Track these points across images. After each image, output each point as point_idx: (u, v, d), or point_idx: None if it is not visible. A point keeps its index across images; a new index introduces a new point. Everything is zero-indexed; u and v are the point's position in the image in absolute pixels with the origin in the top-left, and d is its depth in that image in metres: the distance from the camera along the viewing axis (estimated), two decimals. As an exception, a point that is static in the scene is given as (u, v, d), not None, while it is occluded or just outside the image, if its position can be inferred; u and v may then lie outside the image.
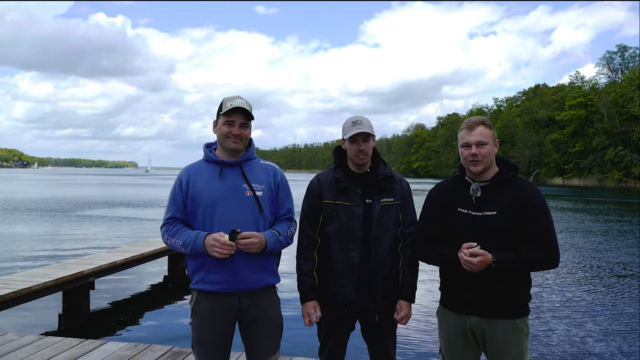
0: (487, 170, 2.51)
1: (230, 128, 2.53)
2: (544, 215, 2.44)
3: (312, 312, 2.76)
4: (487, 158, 2.46)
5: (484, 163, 2.46)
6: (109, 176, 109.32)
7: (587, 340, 6.27)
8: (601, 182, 66.22)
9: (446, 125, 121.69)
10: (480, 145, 2.46)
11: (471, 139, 2.47)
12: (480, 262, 2.32)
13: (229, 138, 2.54)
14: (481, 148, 2.45)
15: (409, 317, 2.79)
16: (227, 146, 2.55)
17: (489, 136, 2.48)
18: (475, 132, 2.47)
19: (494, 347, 2.48)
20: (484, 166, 2.47)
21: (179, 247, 2.50)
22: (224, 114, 2.53)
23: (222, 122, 2.55)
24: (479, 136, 2.46)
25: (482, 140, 2.46)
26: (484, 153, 2.45)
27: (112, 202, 30.01)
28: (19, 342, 4.58)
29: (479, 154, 2.45)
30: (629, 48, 77.42)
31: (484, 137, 2.46)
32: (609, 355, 5.75)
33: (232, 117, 2.53)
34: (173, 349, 4.46)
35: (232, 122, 2.53)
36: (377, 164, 2.85)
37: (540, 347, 5.96)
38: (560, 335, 6.45)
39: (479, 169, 2.47)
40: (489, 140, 2.47)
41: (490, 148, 2.47)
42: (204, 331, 2.54)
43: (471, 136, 2.47)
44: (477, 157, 2.45)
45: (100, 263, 7.45)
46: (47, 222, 19.47)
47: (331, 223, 2.75)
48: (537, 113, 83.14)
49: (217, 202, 2.50)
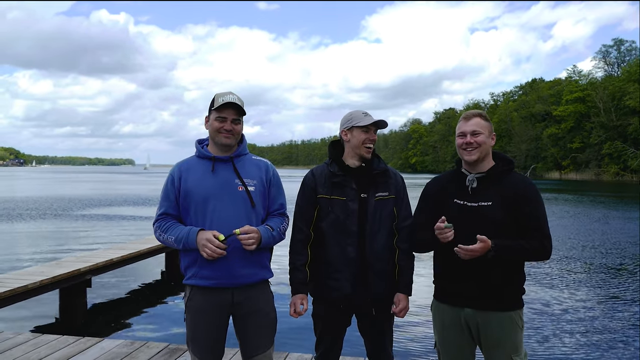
0: (483, 161, 2.53)
1: (222, 124, 2.53)
2: (537, 207, 2.47)
3: (299, 303, 2.77)
4: (482, 147, 2.49)
5: (478, 151, 2.49)
6: (107, 174, 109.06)
7: (583, 333, 6.31)
8: (598, 176, 66.47)
9: (443, 120, 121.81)
10: (474, 134, 2.50)
11: (467, 128, 2.52)
12: (482, 248, 2.33)
13: (220, 133, 2.54)
14: (475, 137, 2.49)
15: (407, 309, 2.80)
16: (219, 141, 2.55)
17: (484, 127, 2.52)
18: (471, 123, 2.52)
19: (488, 340, 2.49)
20: (479, 155, 2.50)
21: (172, 242, 2.49)
22: (216, 110, 2.52)
23: (213, 117, 2.54)
24: (474, 126, 2.51)
25: (476, 130, 2.50)
26: (479, 141, 2.49)
27: (109, 200, 29.95)
28: (15, 340, 4.57)
29: (473, 142, 2.49)
30: (625, 42, 77.80)
31: (479, 127, 2.51)
32: (605, 348, 5.78)
33: (224, 113, 2.53)
34: (170, 346, 4.46)
35: (224, 117, 2.53)
36: (372, 158, 2.85)
37: (535, 341, 5.98)
38: (555, 329, 6.48)
39: (473, 157, 2.50)
40: (484, 131, 2.51)
41: (485, 138, 2.50)
42: (198, 327, 2.54)
43: (467, 126, 2.53)
44: (472, 145, 2.49)
45: (97, 261, 7.43)
46: (42, 220, 19.42)
47: (326, 218, 2.75)
48: (534, 107, 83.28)
49: (209, 197, 2.49)
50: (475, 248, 2.33)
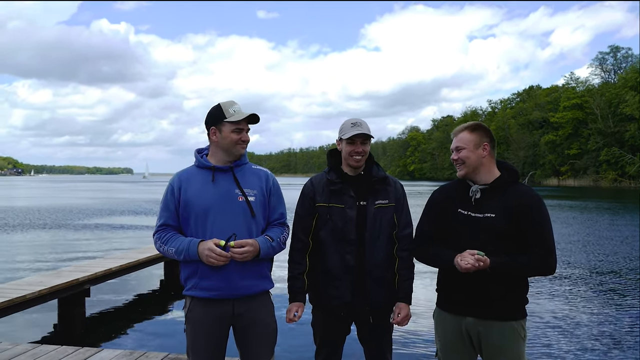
0: (481, 173, 2.54)
1: (240, 135, 2.56)
2: (542, 220, 2.45)
3: (293, 310, 2.78)
4: (467, 162, 2.53)
5: (465, 167, 2.54)
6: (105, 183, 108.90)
7: (588, 346, 6.20)
8: (596, 182, 66.59)
9: (441, 128, 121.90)
10: (457, 149, 2.56)
11: (452, 145, 2.60)
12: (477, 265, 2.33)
13: (238, 144, 2.57)
14: (459, 152, 2.55)
15: (408, 318, 2.79)
16: (237, 152, 2.58)
17: (468, 141, 2.54)
18: (456, 138, 2.60)
19: (490, 350, 2.48)
20: (466, 170, 2.54)
21: (172, 254, 2.49)
22: (234, 122, 2.53)
23: (230, 129, 2.54)
24: (457, 142, 2.58)
25: (459, 146, 2.56)
26: (462, 157, 2.53)
27: (107, 210, 29.89)
28: (13, 351, 4.55)
29: (458, 159, 2.55)
30: (622, 49, 78.25)
31: (461, 142, 2.55)
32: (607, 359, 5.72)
33: (241, 124, 2.55)
34: (169, 356, 4.45)
35: (241, 129, 2.56)
36: (370, 166, 2.87)
37: (538, 352, 5.92)
38: (558, 340, 6.39)
39: (462, 172, 2.56)
40: (468, 145, 2.53)
41: (469, 153, 2.53)
42: (198, 338, 2.54)
43: (454, 142, 2.60)
44: (457, 162, 2.56)
45: (95, 270, 7.41)
46: (41, 230, 19.36)
47: (325, 226, 2.76)
48: (531, 114, 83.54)
49: (209, 208, 2.50)
50: (473, 264, 2.32)
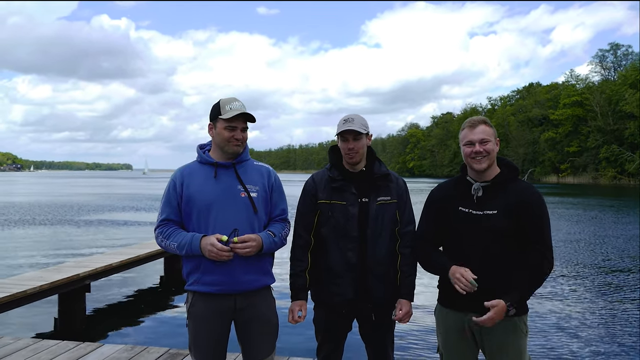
0: (489, 169, 2.52)
1: (232, 132, 2.53)
2: (542, 216, 2.46)
3: (297, 309, 2.78)
4: (490, 155, 2.49)
5: (488, 159, 2.49)
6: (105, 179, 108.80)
7: (590, 341, 6.21)
8: (595, 179, 66.57)
9: (440, 125, 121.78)
10: (483, 142, 2.48)
11: (474, 137, 2.50)
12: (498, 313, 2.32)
13: (230, 142, 2.53)
14: (484, 145, 2.48)
15: (410, 315, 2.79)
16: (229, 150, 2.55)
17: (490, 134, 2.51)
18: (478, 130, 2.50)
19: (492, 346, 2.49)
20: (488, 163, 2.49)
21: (174, 249, 2.49)
22: (226, 120, 2.51)
23: (222, 126, 2.52)
24: (481, 134, 2.49)
25: (485, 138, 2.49)
26: (488, 149, 2.48)
27: (107, 205, 29.88)
28: (14, 345, 4.56)
29: (483, 151, 2.47)
30: (622, 46, 77.97)
31: (486, 134, 2.49)
32: (609, 355, 5.74)
33: (234, 122, 2.52)
34: (170, 351, 4.46)
35: (234, 127, 2.52)
36: (372, 162, 2.85)
37: (540, 347, 5.93)
38: (561, 336, 6.41)
39: (484, 166, 2.48)
40: (491, 138, 2.50)
41: (493, 146, 2.50)
42: (200, 333, 2.54)
43: (474, 134, 2.50)
44: (481, 154, 2.48)
45: (96, 265, 7.41)
46: (41, 225, 19.36)
47: (327, 223, 2.75)
48: (531, 112, 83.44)
49: (211, 203, 2.49)
50: (491, 317, 2.32)
